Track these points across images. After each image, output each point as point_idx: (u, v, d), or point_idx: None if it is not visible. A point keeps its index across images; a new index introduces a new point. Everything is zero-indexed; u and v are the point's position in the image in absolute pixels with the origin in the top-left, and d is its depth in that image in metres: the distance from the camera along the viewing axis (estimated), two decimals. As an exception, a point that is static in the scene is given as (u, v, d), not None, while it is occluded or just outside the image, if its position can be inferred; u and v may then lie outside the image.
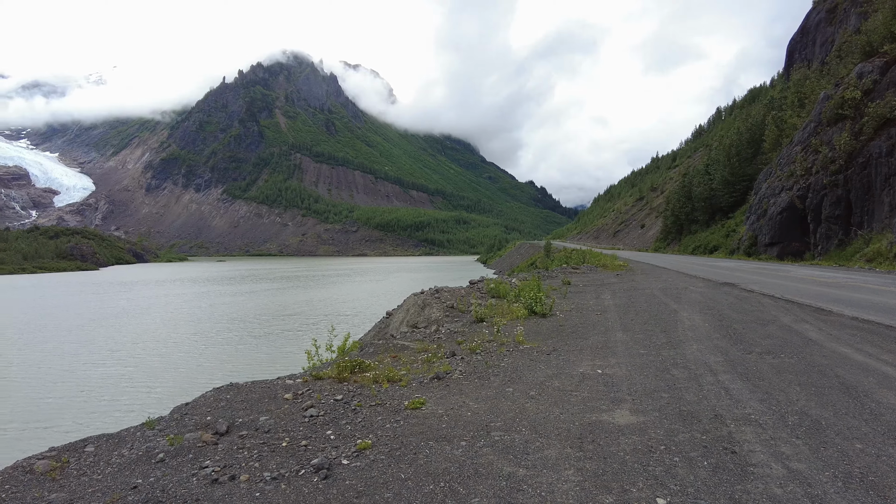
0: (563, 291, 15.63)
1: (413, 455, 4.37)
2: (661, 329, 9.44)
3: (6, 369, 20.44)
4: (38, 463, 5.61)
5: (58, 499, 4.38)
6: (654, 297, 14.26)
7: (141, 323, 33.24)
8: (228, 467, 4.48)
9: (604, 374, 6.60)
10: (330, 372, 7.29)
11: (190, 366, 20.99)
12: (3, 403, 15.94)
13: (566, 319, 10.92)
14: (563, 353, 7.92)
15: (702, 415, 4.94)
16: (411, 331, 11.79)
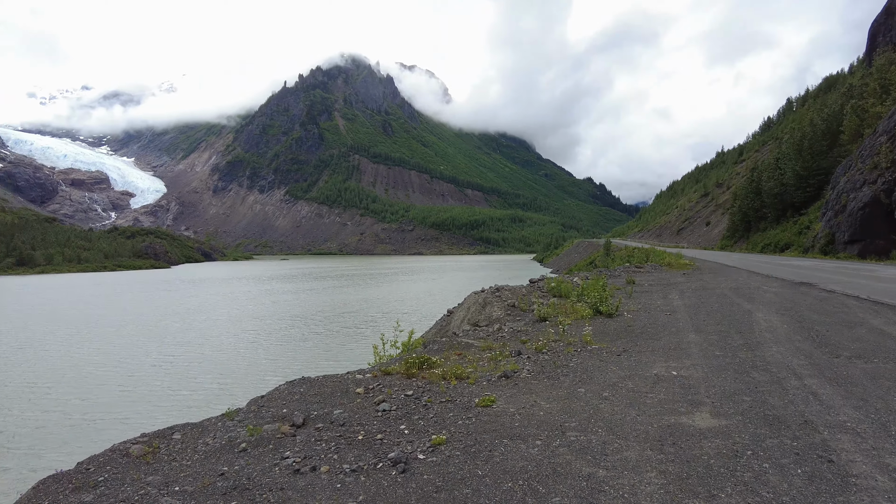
0: (628, 291, 15.24)
1: (488, 452, 4.37)
2: (737, 330, 9.06)
3: (96, 362, 21.90)
4: (132, 447, 5.98)
5: (154, 481, 4.65)
6: (725, 297, 13.69)
7: (210, 319, 34.84)
8: (308, 458, 4.62)
9: (679, 376, 6.39)
10: (398, 368, 7.40)
11: (258, 360, 21.82)
12: (95, 392, 17.09)
13: (634, 320, 10.64)
14: (634, 353, 7.73)
15: (790, 420, 4.70)
16: (473, 329, 11.80)
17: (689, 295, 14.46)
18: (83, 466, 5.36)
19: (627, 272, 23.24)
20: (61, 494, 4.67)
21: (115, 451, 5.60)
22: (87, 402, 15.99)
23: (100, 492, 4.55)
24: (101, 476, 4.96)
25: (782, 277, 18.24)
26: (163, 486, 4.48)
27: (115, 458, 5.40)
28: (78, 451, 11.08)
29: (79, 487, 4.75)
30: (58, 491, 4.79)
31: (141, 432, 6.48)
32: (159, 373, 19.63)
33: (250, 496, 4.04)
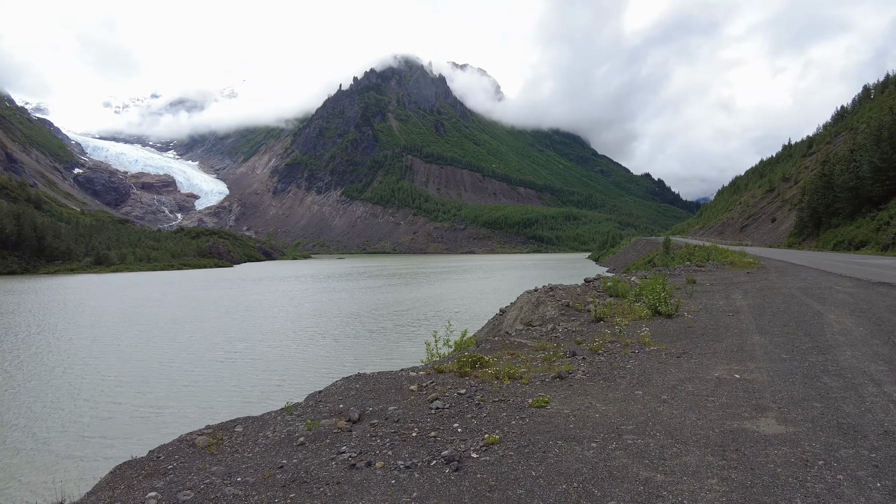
0: (689, 291, 14.72)
1: (542, 453, 4.33)
2: (805, 332, 8.60)
3: (163, 356, 23.10)
4: (198, 438, 6.28)
5: (217, 471, 4.86)
6: (792, 297, 13.01)
7: (269, 316, 36.04)
8: (364, 454, 4.71)
9: (742, 380, 6.13)
10: (451, 366, 7.43)
11: (314, 355, 22.41)
12: (162, 384, 18.04)
13: (695, 321, 10.28)
14: (695, 356, 7.46)
15: (867, 430, 4.42)
16: (526, 328, 11.71)
17: (754, 295, 13.83)
18: (154, 454, 5.67)
19: (688, 271, 22.47)
20: (135, 480, 4.96)
21: (182, 442, 5.90)
22: (153, 394, 16.87)
23: (169, 479, 4.80)
24: (170, 464, 5.24)
25: (857, 277, 17.17)
26: (226, 476, 4.68)
27: (182, 447, 5.69)
28: (147, 441, 11.71)
29: (150, 474, 5.02)
30: (132, 476, 5.08)
31: (206, 424, 6.79)
32: (221, 367, 20.48)
33: (308, 489, 4.16)
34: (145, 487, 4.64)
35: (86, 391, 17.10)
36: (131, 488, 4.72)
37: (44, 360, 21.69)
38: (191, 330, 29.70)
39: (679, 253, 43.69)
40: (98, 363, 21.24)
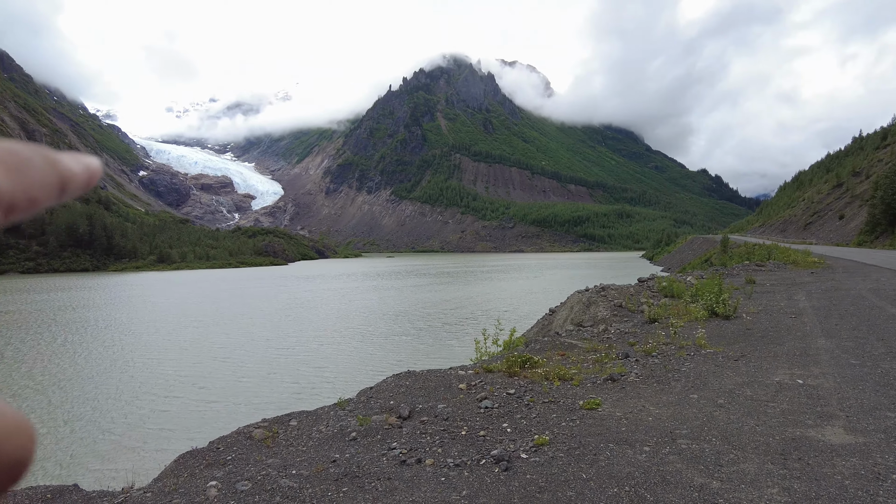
0: (748, 291, 14.15)
1: (593, 456, 4.27)
2: (878, 337, 8.12)
3: (219, 351, 24.02)
4: (255, 431, 6.52)
5: (273, 463, 5.04)
6: (862, 298, 12.30)
7: (321, 313, 36.89)
8: (414, 450, 4.78)
9: (806, 385, 5.85)
10: (500, 366, 7.42)
11: (364, 352, 22.79)
12: (218, 379, 18.76)
13: (754, 322, 9.88)
14: (754, 359, 7.18)
15: (945, 441, 4.15)
16: (577, 329, 11.54)
17: (819, 296, 13.15)
18: (214, 445, 5.93)
19: (747, 271, 21.60)
20: (197, 469, 5.20)
21: (240, 434, 6.14)
22: (210, 387, 17.57)
23: (228, 469, 5.02)
24: (229, 455, 5.46)
25: (936, 278, 16.07)
26: (281, 468, 4.84)
27: (240, 440, 5.92)
28: (205, 432, 12.22)
29: (211, 464, 5.25)
30: (194, 465, 5.33)
31: (262, 417, 7.03)
32: (275, 362, 21.11)
33: (360, 484, 4.25)
34: (206, 476, 4.85)
35: (147, 384, 17.99)
36: (193, 476, 4.95)
37: (109, 354, 22.97)
38: (246, 326, 30.76)
39: (737, 252, 42.02)
40: (158, 357, 22.31)
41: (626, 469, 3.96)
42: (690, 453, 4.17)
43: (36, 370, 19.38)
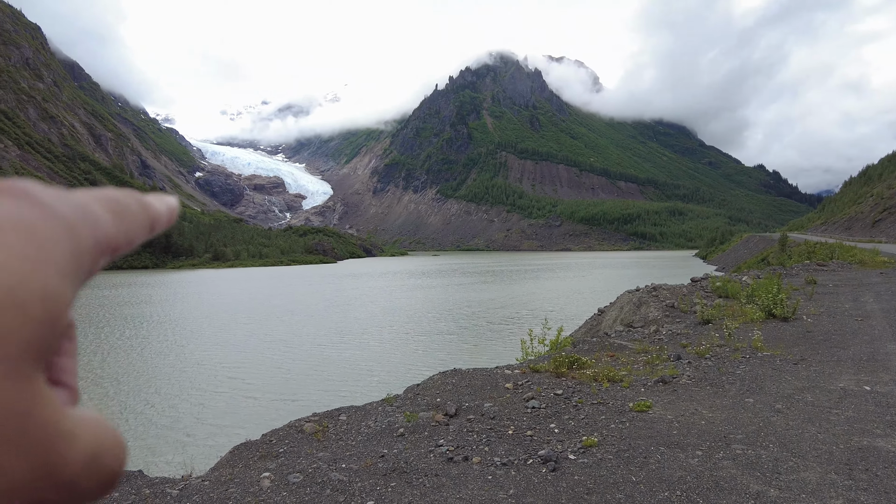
0: (809, 292, 13.52)
1: (643, 459, 4.20)
2: (954, 342, 7.62)
3: (269, 347, 24.75)
4: (306, 425, 6.71)
5: (324, 457, 5.17)
6: (938, 301, 11.56)
7: (367, 310, 37.46)
8: (461, 448, 4.81)
9: (874, 392, 5.56)
10: (547, 366, 7.37)
11: (408, 349, 23.01)
12: (268, 374, 19.34)
13: (815, 325, 9.44)
14: (815, 363, 6.87)
15: None
16: (627, 330, 11.32)
17: (889, 298, 12.42)
18: (267, 438, 6.14)
19: (807, 270, 20.63)
20: (251, 460, 5.40)
21: (291, 427, 6.33)
22: (262, 382, 18.12)
23: (280, 462, 5.18)
24: (281, 448, 5.65)
25: None
26: (332, 462, 4.97)
27: (291, 433, 6.11)
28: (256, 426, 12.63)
29: (264, 456, 5.44)
30: (248, 457, 5.54)
31: (312, 412, 7.23)
32: (323, 358, 21.58)
33: (407, 479, 4.32)
34: (260, 468, 5.03)
35: (200, 379, 18.72)
36: (248, 467, 5.14)
37: (164, 349, 24.02)
38: (295, 322, 31.57)
39: (797, 250, 40.17)
40: (211, 353, 23.17)
41: (677, 473, 3.87)
42: (746, 459, 4.04)
43: (95, 362, 20.50)
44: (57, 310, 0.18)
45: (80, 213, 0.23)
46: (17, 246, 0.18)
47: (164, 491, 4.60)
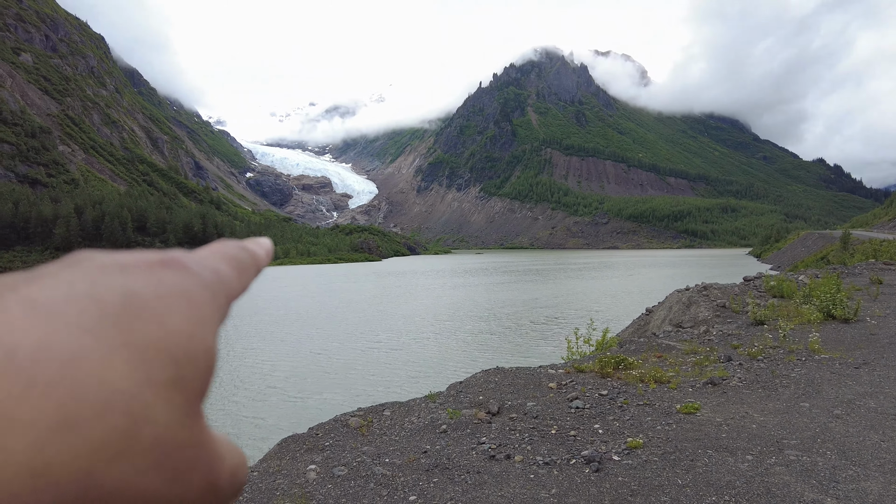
0: (873, 293, 12.84)
1: (690, 461, 4.10)
2: None
3: (312, 343, 25.33)
4: (351, 419, 6.85)
5: (368, 451, 5.27)
6: None
7: (410, 307, 37.80)
8: (503, 446, 4.82)
9: (943, 399, 5.25)
10: (592, 366, 7.28)
11: (451, 347, 23.09)
12: (312, 370, 19.80)
13: (880, 327, 8.96)
14: (879, 367, 6.53)
15: None
16: (675, 330, 11.04)
17: (963, 299, 11.67)
18: (313, 431, 6.30)
19: (872, 270, 19.58)
20: (298, 453, 5.56)
21: (336, 422, 6.48)
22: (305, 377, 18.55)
23: (326, 455, 5.32)
24: (326, 441, 5.79)
25: None
26: (376, 456, 5.06)
27: (337, 427, 6.25)
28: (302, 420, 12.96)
29: (310, 449, 5.59)
30: (295, 450, 5.70)
31: (357, 407, 7.37)
32: (366, 355, 21.91)
33: (450, 476, 4.36)
34: (306, 460, 5.18)
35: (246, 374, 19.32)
36: (295, 460, 5.30)
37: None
38: (340, 319, 32.20)
39: (861, 249, 38.17)
40: (256, 348, 23.88)
41: (726, 477, 3.77)
42: (800, 466, 3.89)
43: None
44: (214, 358, 0.23)
45: (216, 276, 0.28)
46: (185, 311, 0.22)
47: (216, 480, 4.78)
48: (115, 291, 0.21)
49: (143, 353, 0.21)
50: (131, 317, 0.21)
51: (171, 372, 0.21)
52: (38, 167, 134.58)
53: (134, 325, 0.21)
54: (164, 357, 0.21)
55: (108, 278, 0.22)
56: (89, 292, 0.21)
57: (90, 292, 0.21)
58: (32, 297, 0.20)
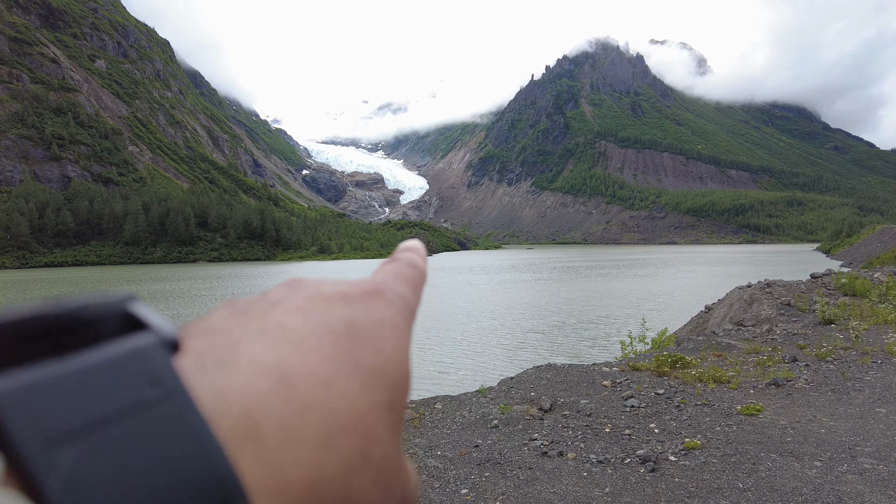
0: (957, 291, 11.95)
1: (752, 465, 3.95)
2: None
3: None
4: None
5: (420, 443, 5.34)
6: None
7: (459, 303, 37.90)
8: (555, 443, 4.78)
9: None
10: (648, 364, 7.11)
11: (501, 344, 23.00)
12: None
13: (964, 328, 8.35)
14: (964, 371, 6.09)
15: None
16: (736, 328, 10.63)
17: None
18: (368, 423, 6.46)
19: (957, 267, 18.22)
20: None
21: (390, 413, 6.60)
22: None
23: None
24: (381, 433, 5.91)
25: None
26: (428, 449, 5.12)
27: (390, 419, 6.37)
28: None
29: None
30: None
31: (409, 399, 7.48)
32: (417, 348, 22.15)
33: (501, 471, 4.36)
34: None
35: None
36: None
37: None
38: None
39: (945, 244, 35.53)
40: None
41: (791, 483, 3.61)
42: (876, 475, 3.68)
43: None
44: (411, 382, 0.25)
45: (405, 303, 0.30)
46: (393, 339, 0.25)
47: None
48: (341, 320, 0.24)
49: (368, 378, 0.23)
50: (356, 344, 0.24)
51: (387, 395, 0.24)
52: (111, 167, 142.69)
53: (359, 352, 0.24)
54: (383, 382, 0.24)
55: (333, 307, 0.25)
56: (323, 321, 0.24)
57: (324, 321, 0.24)
58: (284, 324, 0.24)
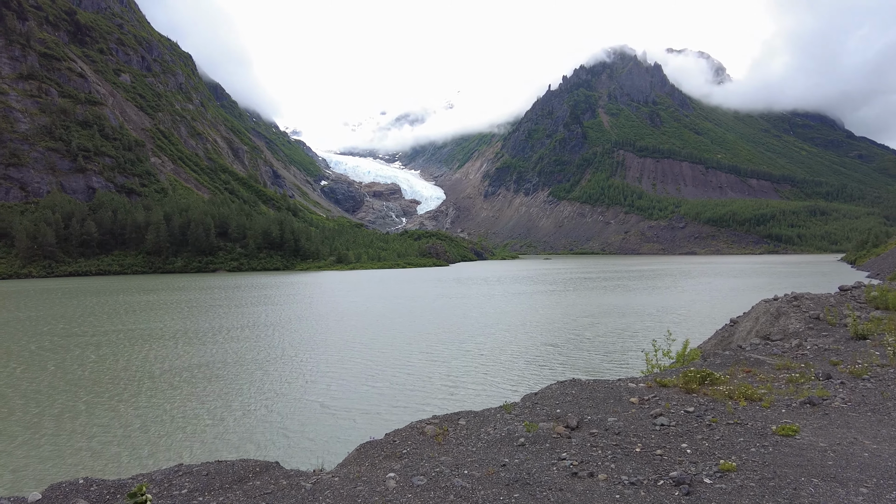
0: None
1: (793, 490, 3.81)
2: None
3: (383, 347, 25.76)
4: (427, 427, 6.88)
5: (446, 461, 5.26)
6: None
7: (477, 315, 37.74)
8: (585, 463, 4.67)
9: None
10: (675, 380, 6.96)
11: (522, 357, 22.78)
12: (384, 374, 20.11)
13: None
14: None
15: None
16: (763, 343, 10.39)
17: None
18: (390, 438, 6.36)
19: None
20: (377, 459, 5.63)
21: (413, 429, 6.51)
22: (378, 382, 18.85)
23: (404, 463, 5.34)
24: (404, 449, 5.82)
25: None
26: (454, 467, 5.04)
27: (413, 434, 6.28)
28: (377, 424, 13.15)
29: (388, 456, 5.64)
30: (374, 455, 5.78)
31: (432, 414, 7.39)
32: (434, 362, 22.02)
33: (531, 491, 4.27)
34: (385, 468, 5.23)
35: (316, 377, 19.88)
36: (374, 466, 5.36)
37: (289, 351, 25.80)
38: (407, 325, 32.62)
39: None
40: (331, 353, 24.55)
41: (836, 511, 3.47)
42: (923, 501, 3.53)
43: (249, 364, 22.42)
44: None
45: None
46: None
47: (298, 483, 4.91)
48: None
49: None
50: None
51: None
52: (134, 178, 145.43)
53: None
54: None
55: None
56: None
57: None
58: None
